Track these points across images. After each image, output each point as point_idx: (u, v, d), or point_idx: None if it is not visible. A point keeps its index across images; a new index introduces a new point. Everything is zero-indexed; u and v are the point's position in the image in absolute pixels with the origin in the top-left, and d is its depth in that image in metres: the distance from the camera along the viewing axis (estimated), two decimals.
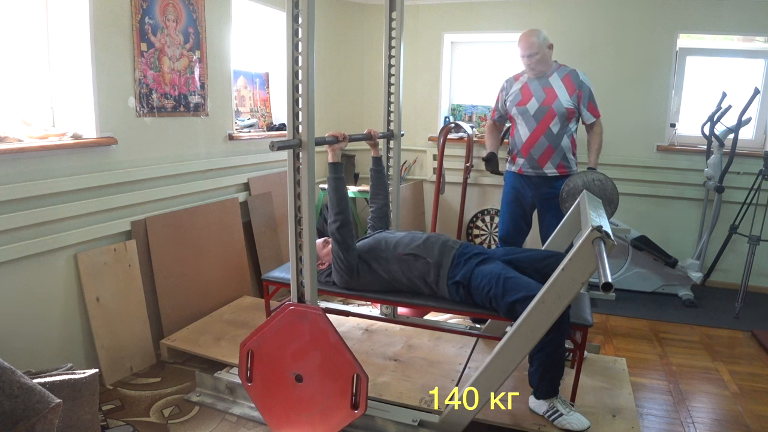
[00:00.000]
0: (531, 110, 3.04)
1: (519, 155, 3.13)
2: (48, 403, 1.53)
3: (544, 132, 3.03)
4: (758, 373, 2.84)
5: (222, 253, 3.25)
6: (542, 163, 3.07)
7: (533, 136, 3.05)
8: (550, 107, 3.01)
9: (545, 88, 3.04)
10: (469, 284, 2.20)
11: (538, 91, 3.05)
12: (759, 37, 3.96)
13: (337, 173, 2.31)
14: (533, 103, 3.04)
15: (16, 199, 2.18)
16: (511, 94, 3.15)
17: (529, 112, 3.05)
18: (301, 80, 1.94)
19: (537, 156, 3.07)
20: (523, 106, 3.06)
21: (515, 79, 3.19)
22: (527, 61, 3.04)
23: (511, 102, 3.13)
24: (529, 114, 3.05)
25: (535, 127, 3.04)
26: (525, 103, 3.06)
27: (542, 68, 3.05)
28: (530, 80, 3.09)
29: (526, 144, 3.08)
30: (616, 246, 1.75)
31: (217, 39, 3.18)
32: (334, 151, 2.32)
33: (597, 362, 2.68)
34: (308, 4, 1.87)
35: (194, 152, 3.10)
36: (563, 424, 2.09)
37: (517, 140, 3.14)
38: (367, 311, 3.03)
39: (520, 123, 3.11)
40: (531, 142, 3.06)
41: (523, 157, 3.11)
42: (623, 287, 3.93)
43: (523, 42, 3.02)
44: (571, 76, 3.05)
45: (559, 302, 1.83)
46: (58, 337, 2.41)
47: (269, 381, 2.10)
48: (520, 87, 3.11)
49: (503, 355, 1.94)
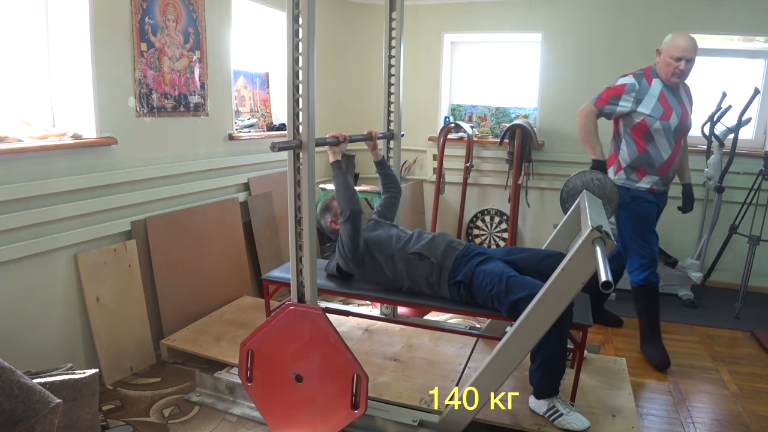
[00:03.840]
0: (673, 126, 2.74)
1: (651, 172, 2.82)
2: (48, 403, 1.53)
3: (679, 150, 2.84)
4: (758, 373, 2.84)
5: (222, 253, 3.25)
6: (672, 179, 2.92)
7: (673, 154, 2.80)
8: (686, 125, 2.80)
9: (680, 102, 2.78)
10: (471, 283, 2.20)
11: (676, 105, 2.75)
12: (759, 37, 3.96)
13: (339, 169, 2.32)
14: (674, 119, 2.73)
15: (16, 199, 2.18)
16: (646, 99, 2.75)
17: (671, 128, 2.74)
18: (301, 80, 1.94)
19: (671, 174, 2.88)
20: (667, 122, 2.72)
21: (648, 80, 2.78)
22: (682, 66, 2.67)
23: (650, 112, 2.73)
24: (671, 130, 2.74)
25: (674, 146, 2.79)
26: (668, 117, 2.72)
27: (684, 79, 2.77)
28: (666, 89, 2.75)
29: (667, 162, 2.80)
30: (616, 246, 1.75)
31: (217, 39, 3.17)
32: (334, 153, 2.32)
33: (597, 362, 2.68)
34: (308, 4, 1.87)
35: (194, 152, 3.10)
36: (563, 424, 2.09)
37: (654, 156, 2.79)
38: (367, 311, 3.03)
39: (659, 138, 2.76)
40: (671, 160, 2.80)
41: (658, 175, 2.83)
42: (623, 287, 3.92)
43: (686, 42, 2.66)
44: (688, 89, 2.87)
45: (559, 302, 1.83)
46: (58, 337, 2.41)
47: (269, 381, 2.10)
48: (657, 95, 2.74)
49: (503, 355, 1.94)
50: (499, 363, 1.95)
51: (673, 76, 2.71)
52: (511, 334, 1.93)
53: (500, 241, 4.61)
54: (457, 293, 2.24)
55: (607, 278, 1.56)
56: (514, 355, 1.93)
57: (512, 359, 1.94)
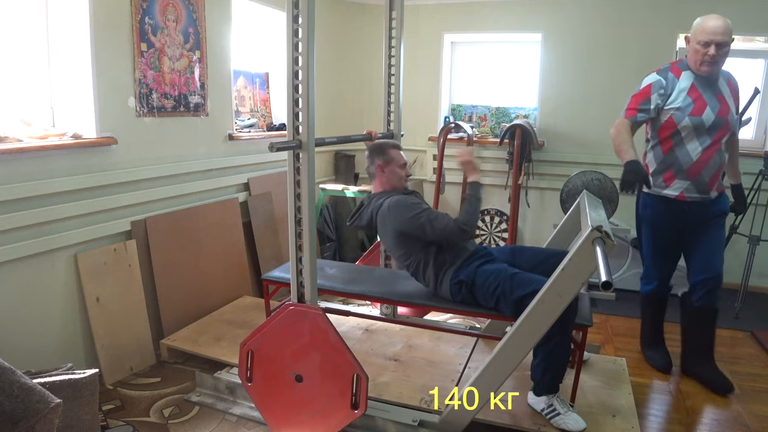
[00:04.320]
0: (707, 122, 2.41)
1: (680, 177, 2.50)
2: (48, 403, 1.53)
3: (717, 150, 2.46)
4: (758, 373, 2.84)
5: (222, 253, 3.25)
6: (711, 185, 2.51)
7: (707, 154, 2.45)
8: (726, 120, 2.44)
9: (717, 95, 2.44)
10: (473, 283, 2.19)
11: (711, 98, 2.43)
12: (759, 37, 3.96)
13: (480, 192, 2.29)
14: (709, 114, 2.41)
15: (16, 199, 2.18)
16: (674, 94, 2.47)
17: (704, 125, 2.42)
18: (301, 80, 1.94)
19: (708, 178, 2.49)
20: (698, 117, 2.41)
21: (675, 75, 2.49)
22: (712, 52, 2.34)
23: (679, 108, 2.44)
24: (704, 127, 2.42)
25: (709, 144, 2.44)
26: (700, 112, 2.41)
27: (718, 68, 2.42)
28: (698, 82, 2.44)
29: (697, 164, 2.46)
30: (615, 246, 1.75)
31: (217, 39, 3.17)
32: (477, 171, 2.32)
33: (597, 362, 2.68)
34: (308, 4, 1.87)
35: (194, 152, 3.10)
36: (560, 424, 2.09)
37: (681, 157, 2.48)
38: (367, 311, 3.03)
39: (688, 137, 2.45)
40: (704, 161, 2.45)
41: (688, 180, 2.49)
42: (623, 287, 3.92)
43: (715, 24, 2.33)
44: (733, 82, 2.53)
45: (559, 302, 1.83)
46: (58, 337, 2.41)
47: (269, 381, 2.10)
48: (687, 89, 2.44)
49: (503, 355, 1.94)
50: (499, 363, 1.95)
51: (702, 65, 2.39)
52: (511, 334, 1.93)
53: (500, 241, 4.61)
54: (458, 292, 2.23)
55: (607, 278, 1.56)
56: (514, 355, 1.93)
57: (512, 359, 1.94)
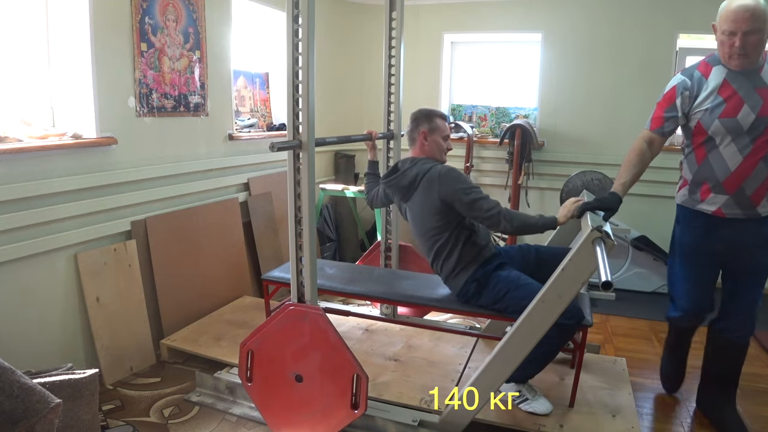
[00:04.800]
0: (744, 124, 1.98)
1: (717, 190, 2.09)
2: (48, 403, 1.53)
3: (763, 155, 2.01)
4: (758, 373, 2.84)
5: (222, 253, 3.25)
6: (757, 200, 2.05)
7: (748, 162, 2.01)
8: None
9: (760, 89, 1.99)
10: (486, 284, 2.20)
11: (750, 94, 1.99)
12: None
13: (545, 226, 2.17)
14: (747, 114, 1.98)
15: (16, 199, 2.18)
16: (703, 96, 2.06)
17: (741, 127, 1.99)
18: (301, 80, 1.94)
19: (751, 191, 2.04)
20: (732, 119, 1.99)
21: (703, 73, 2.09)
22: (738, 43, 1.94)
23: (707, 110, 2.04)
24: (742, 129, 1.99)
25: (751, 150, 2.00)
26: (734, 113, 1.99)
27: (755, 58, 1.97)
28: (732, 77, 2.02)
29: (736, 174, 2.03)
30: (615, 246, 1.75)
31: (217, 39, 3.17)
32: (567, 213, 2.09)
33: (597, 362, 2.68)
34: (308, 4, 1.87)
35: (194, 152, 3.10)
36: (527, 409, 2.17)
37: (716, 168, 2.07)
38: (367, 311, 3.03)
39: (723, 142, 2.04)
40: (744, 171, 2.02)
41: (726, 193, 2.07)
42: (623, 287, 3.92)
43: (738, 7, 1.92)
44: None
45: (559, 302, 1.83)
46: (58, 337, 2.41)
47: (269, 381, 2.10)
48: (718, 87, 2.03)
49: (503, 355, 1.95)
50: (499, 363, 1.95)
51: (731, 59, 1.99)
52: (511, 334, 1.93)
53: (500, 242, 4.61)
54: (467, 291, 2.23)
55: (607, 278, 1.56)
56: (514, 355, 1.93)
57: (512, 359, 1.94)
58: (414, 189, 2.26)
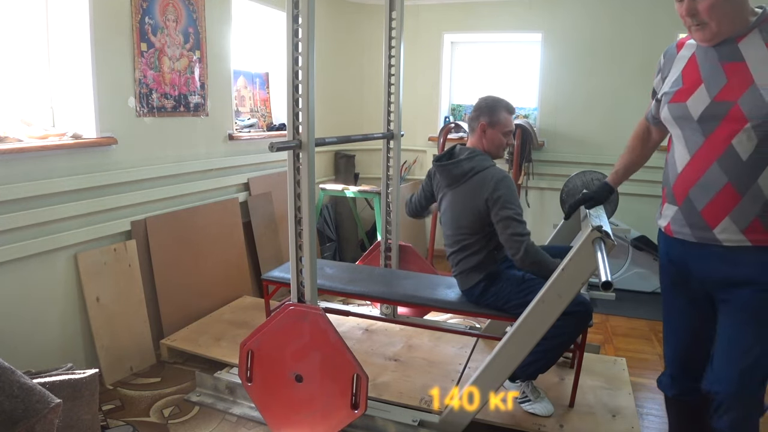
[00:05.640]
0: (694, 111, 1.47)
1: (669, 198, 1.59)
2: (48, 403, 1.53)
3: (719, 157, 1.43)
4: None
5: (222, 253, 3.25)
6: (711, 219, 1.47)
7: (697, 163, 1.48)
8: (734, 104, 1.40)
9: (726, 63, 1.45)
10: (493, 282, 2.21)
11: (713, 72, 1.46)
12: None
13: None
14: (699, 98, 1.47)
15: (16, 199, 2.18)
16: (669, 76, 1.59)
17: (690, 116, 1.48)
18: (301, 80, 1.94)
19: (701, 204, 1.48)
20: (681, 104, 1.51)
21: (678, 46, 1.61)
22: (685, 9, 1.51)
23: (666, 94, 1.58)
24: (692, 119, 1.48)
25: (702, 146, 1.47)
26: (685, 97, 1.50)
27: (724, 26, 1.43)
28: (703, 52, 1.52)
29: (681, 178, 1.53)
30: (616, 246, 1.74)
31: (217, 39, 3.17)
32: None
33: (597, 362, 2.68)
34: (308, 4, 1.87)
35: (194, 152, 3.10)
36: (529, 409, 2.18)
37: (669, 169, 1.61)
38: (367, 311, 3.03)
39: (676, 134, 1.57)
40: (690, 174, 1.50)
41: (675, 204, 1.56)
42: (623, 287, 3.92)
43: None
44: None
45: (559, 302, 1.83)
46: (58, 337, 2.41)
47: (269, 381, 2.10)
48: (683, 65, 1.55)
49: (503, 355, 1.95)
50: (499, 363, 1.96)
51: (691, 33, 1.52)
52: (511, 334, 1.93)
53: None
54: (474, 290, 2.23)
55: (607, 278, 1.55)
56: (514, 354, 1.93)
57: (512, 359, 1.94)
58: (463, 182, 2.18)
